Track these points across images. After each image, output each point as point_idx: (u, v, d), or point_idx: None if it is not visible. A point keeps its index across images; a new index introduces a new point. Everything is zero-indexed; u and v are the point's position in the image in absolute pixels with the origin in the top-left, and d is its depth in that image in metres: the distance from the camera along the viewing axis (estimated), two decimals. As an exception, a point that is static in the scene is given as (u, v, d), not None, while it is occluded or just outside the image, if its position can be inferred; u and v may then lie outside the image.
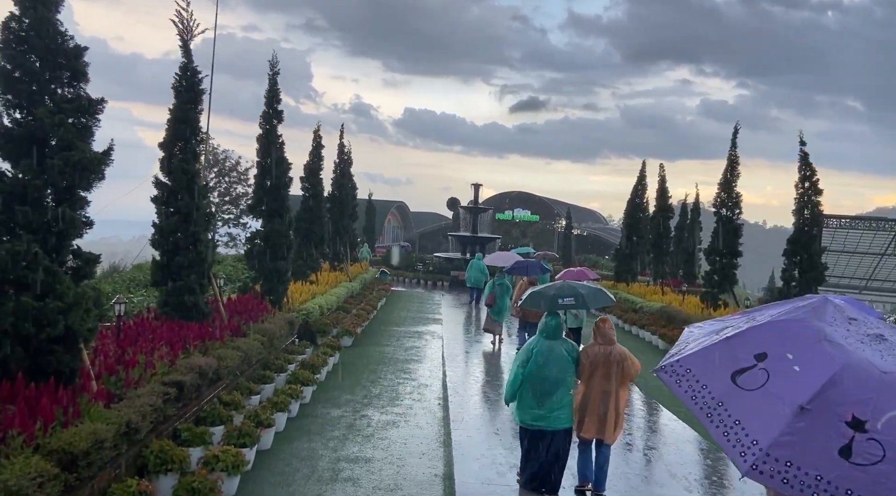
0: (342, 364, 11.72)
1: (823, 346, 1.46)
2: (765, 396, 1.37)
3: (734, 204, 16.91)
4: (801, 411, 1.37)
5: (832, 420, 1.37)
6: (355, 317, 15.10)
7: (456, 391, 10.32)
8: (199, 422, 6.94)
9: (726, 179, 17.03)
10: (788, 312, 1.59)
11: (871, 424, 1.35)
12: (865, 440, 1.34)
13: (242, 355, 8.52)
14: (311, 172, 17.14)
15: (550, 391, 6.13)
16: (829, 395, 1.39)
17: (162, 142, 9.20)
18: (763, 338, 1.48)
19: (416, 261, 34.21)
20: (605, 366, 6.23)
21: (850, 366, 1.42)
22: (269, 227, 13.05)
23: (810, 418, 1.36)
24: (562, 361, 6.19)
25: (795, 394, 1.39)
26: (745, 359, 1.42)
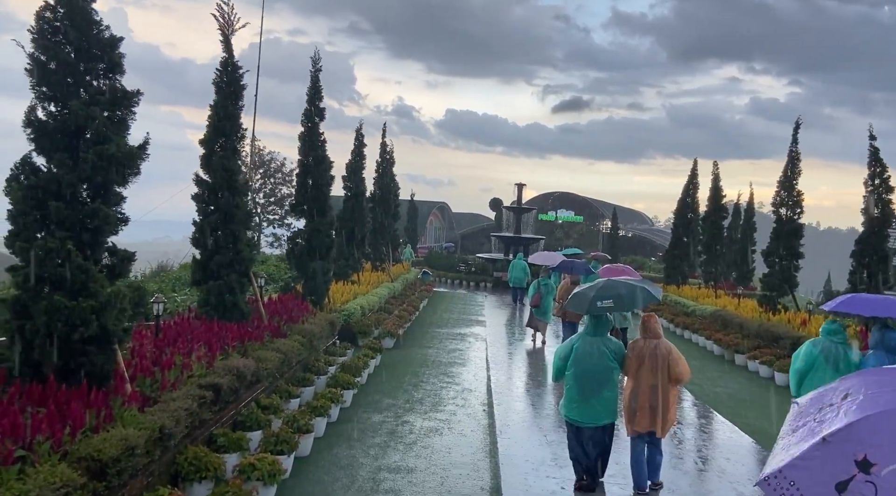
0: (384, 366, 11.42)
1: None
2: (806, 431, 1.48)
3: (795, 203, 15.99)
4: (822, 442, 1.47)
5: (845, 456, 1.45)
6: (397, 318, 14.82)
7: (501, 396, 9.89)
8: (235, 427, 6.71)
9: (786, 177, 16.11)
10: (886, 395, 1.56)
11: (877, 469, 1.41)
12: (864, 481, 1.41)
13: (282, 357, 8.29)
14: (353, 171, 16.94)
15: (592, 388, 6.16)
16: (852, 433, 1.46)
17: (203, 139, 9.05)
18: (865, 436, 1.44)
19: (457, 262, 33.84)
20: (652, 360, 6.20)
21: (887, 413, 1.46)
22: (310, 226, 12.85)
23: (827, 449, 1.45)
24: (603, 358, 6.20)
25: None
26: (847, 467, 1.43)
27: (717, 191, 22.19)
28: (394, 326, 13.66)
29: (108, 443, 4.57)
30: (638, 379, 6.24)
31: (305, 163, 13.04)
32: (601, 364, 6.19)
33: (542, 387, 10.79)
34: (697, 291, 22.14)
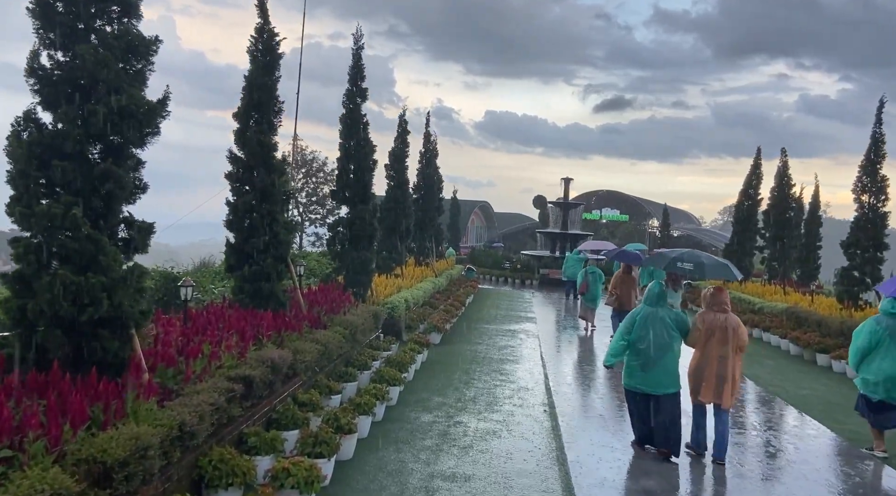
0: (431, 362, 10.56)
1: None
2: None
3: (879, 189, 14.54)
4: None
5: None
6: (443, 313, 13.96)
7: (561, 396, 8.92)
8: (269, 426, 5.93)
9: (869, 160, 14.68)
10: None
11: None
12: None
13: (322, 349, 7.50)
14: (396, 159, 16.15)
15: (656, 356, 6.37)
16: None
17: (236, 112, 8.35)
18: None
19: (503, 260, 32.84)
20: (722, 331, 6.38)
21: None
22: (352, 214, 12.10)
23: None
24: (666, 327, 6.42)
25: None
26: None
27: (783, 180, 20.68)
28: (440, 321, 12.81)
29: (115, 442, 3.82)
30: (707, 350, 6.42)
31: (347, 146, 12.30)
32: (664, 332, 6.40)
33: (604, 386, 9.76)
34: (763, 288, 20.68)
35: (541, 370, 10.55)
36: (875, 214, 14.57)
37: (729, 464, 6.48)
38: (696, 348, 6.52)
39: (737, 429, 7.84)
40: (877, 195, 14.58)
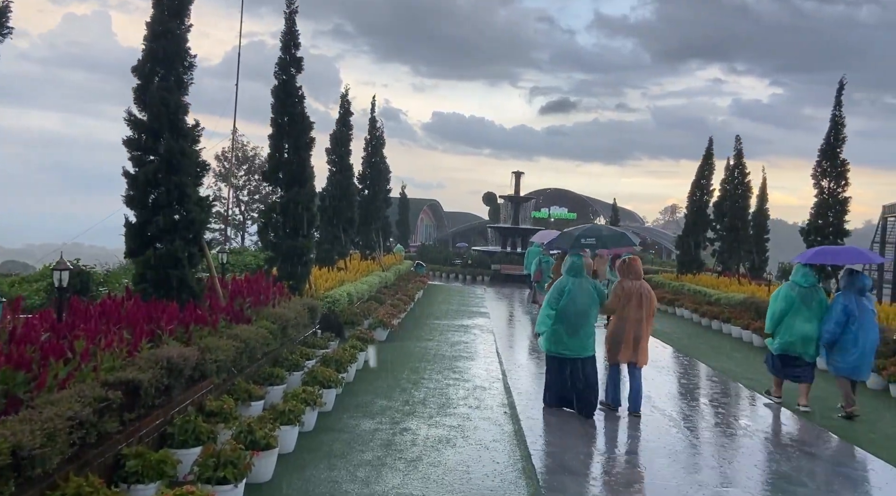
0: (376, 361, 9.39)
1: None
2: None
3: (839, 174, 14.14)
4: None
5: None
6: (391, 307, 12.79)
7: (523, 395, 7.90)
8: (162, 443, 4.67)
9: (829, 144, 14.26)
10: None
11: None
12: None
13: (240, 346, 6.25)
14: (338, 143, 14.88)
15: (580, 322, 6.89)
16: None
17: (135, 65, 6.99)
18: None
19: (452, 256, 31.85)
20: (638, 297, 6.98)
21: None
22: (287, 198, 10.82)
23: None
24: (589, 295, 6.96)
25: None
26: None
27: (737, 169, 20.31)
28: (387, 316, 11.64)
29: None
30: (625, 314, 7.01)
31: (280, 122, 10.99)
32: (588, 301, 6.95)
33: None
34: (717, 280, 20.27)
35: (497, 367, 9.51)
36: (835, 200, 14.17)
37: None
38: (616, 313, 7.10)
39: (724, 427, 6.98)
40: (836, 180, 14.19)
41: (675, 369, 10.59)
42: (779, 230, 23.31)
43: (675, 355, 11.80)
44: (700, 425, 7.09)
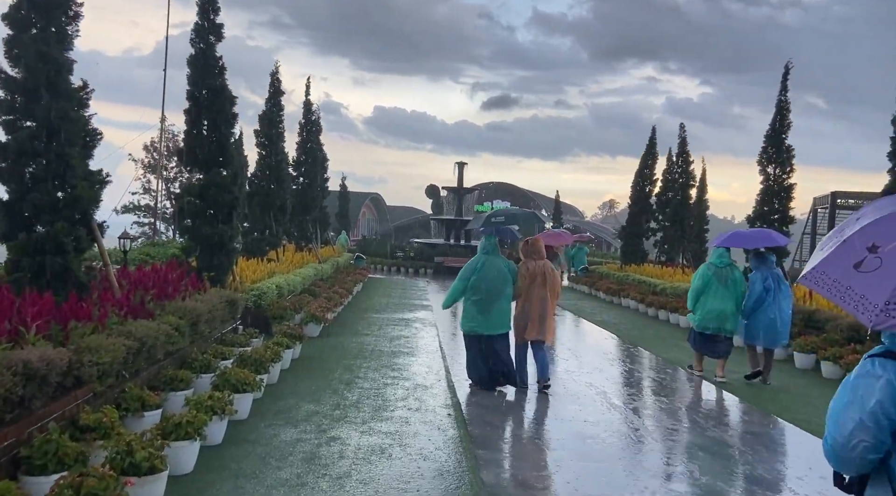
0: (305, 359, 8.46)
1: None
2: (881, 274, 1.80)
3: (785, 160, 13.98)
4: (843, 243, 1.89)
5: (860, 246, 1.86)
6: (326, 301, 11.83)
7: (468, 394, 7.15)
8: (15, 468, 3.67)
9: (774, 131, 14.09)
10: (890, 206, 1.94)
11: (881, 249, 1.83)
12: (872, 258, 1.83)
13: (134, 346, 5.24)
14: (268, 124, 13.74)
15: (493, 300, 7.02)
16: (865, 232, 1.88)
17: (6, 12, 5.84)
18: (872, 234, 1.87)
19: (394, 249, 30.94)
20: (542, 276, 7.18)
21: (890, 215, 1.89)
22: (206, 179, 9.72)
23: (845, 245, 1.89)
24: (502, 274, 7.12)
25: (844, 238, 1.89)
26: (860, 252, 1.86)
27: (683, 157, 20.17)
28: (321, 310, 10.69)
29: None
30: (530, 293, 7.18)
31: (196, 95, 9.87)
32: (501, 279, 7.09)
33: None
34: (660, 270, 20.13)
35: (440, 363, 8.73)
36: (780, 186, 14.02)
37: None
38: (522, 292, 7.21)
39: (668, 412, 6.41)
40: (782, 166, 14.03)
41: (621, 358, 10.09)
42: (710, 224, 23.51)
43: (621, 345, 11.33)
44: (645, 412, 6.53)
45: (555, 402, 7.01)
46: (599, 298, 19.71)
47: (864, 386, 1.87)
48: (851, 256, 1.87)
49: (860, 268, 1.85)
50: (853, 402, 1.87)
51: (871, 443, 1.84)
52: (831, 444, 1.92)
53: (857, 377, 1.90)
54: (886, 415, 1.82)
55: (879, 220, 1.90)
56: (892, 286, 1.76)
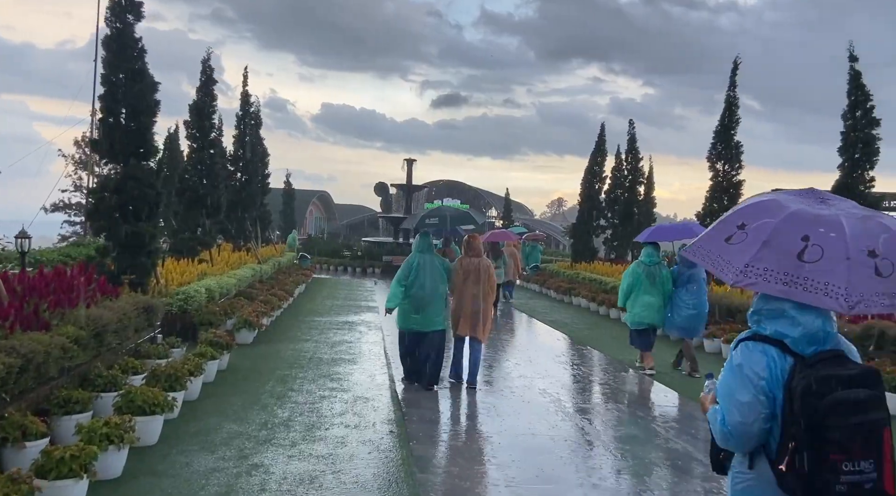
0: (234, 370, 7.69)
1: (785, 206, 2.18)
2: (744, 245, 2.12)
3: (734, 156, 13.90)
4: (720, 222, 2.25)
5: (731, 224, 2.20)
6: (262, 304, 11.02)
7: (414, 407, 6.55)
8: None
9: (723, 126, 14.00)
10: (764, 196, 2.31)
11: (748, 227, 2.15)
12: (740, 233, 2.15)
13: (16, 363, 4.43)
14: (198, 115, 12.80)
15: (428, 298, 7.09)
16: (735, 213, 2.25)
17: None
18: (742, 215, 2.22)
19: (342, 248, 30.07)
20: (476, 273, 7.21)
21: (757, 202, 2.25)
22: (124, 173, 8.83)
23: (720, 224, 2.24)
24: (437, 272, 7.19)
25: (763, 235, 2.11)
26: (729, 230, 2.19)
27: (633, 153, 20.05)
28: (255, 315, 9.89)
29: None
30: (464, 289, 7.23)
31: (112, 80, 8.96)
32: (436, 277, 7.15)
33: (469, 385, 7.58)
34: (611, 268, 19.98)
35: (385, 371, 8.10)
36: (730, 183, 13.94)
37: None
38: (457, 289, 7.28)
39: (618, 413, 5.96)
40: (731, 162, 13.96)
41: (574, 361, 9.67)
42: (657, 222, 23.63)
43: (572, 346, 10.94)
44: (599, 419, 6.06)
45: (507, 414, 6.48)
46: (550, 297, 19.40)
47: (748, 367, 2.10)
48: (725, 232, 2.19)
49: (730, 241, 2.15)
50: (745, 383, 2.09)
51: (766, 413, 2.07)
52: (731, 426, 2.10)
53: (742, 362, 2.13)
54: (771, 388, 2.06)
55: (749, 205, 2.26)
56: (751, 253, 2.07)
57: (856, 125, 9.95)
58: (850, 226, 2.08)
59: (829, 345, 2.09)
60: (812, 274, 2.01)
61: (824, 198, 2.27)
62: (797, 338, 2.09)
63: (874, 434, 1.97)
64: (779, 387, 2.06)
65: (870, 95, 9.83)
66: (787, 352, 2.09)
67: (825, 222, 2.09)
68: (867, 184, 9.81)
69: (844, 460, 1.94)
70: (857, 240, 2.05)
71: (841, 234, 2.05)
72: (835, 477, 1.94)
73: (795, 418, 2.00)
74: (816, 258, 2.02)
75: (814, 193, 2.30)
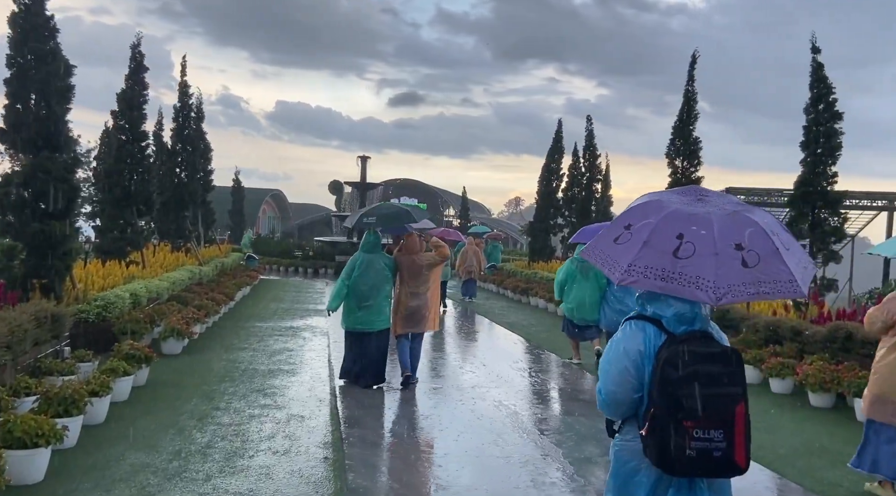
0: (153, 386, 6.85)
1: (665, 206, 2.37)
2: (629, 245, 2.30)
3: (692, 152, 13.57)
4: (610, 223, 2.49)
5: (619, 226, 2.39)
6: (195, 310, 10.13)
7: (357, 427, 5.86)
8: None
9: (682, 121, 13.65)
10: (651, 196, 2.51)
11: (633, 227, 2.32)
12: (626, 233, 2.32)
13: None
14: (127, 105, 11.78)
15: (370, 297, 7.11)
16: (623, 216, 2.45)
17: None
18: (630, 216, 2.41)
19: (293, 248, 29.05)
20: (409, 271, 7.23)
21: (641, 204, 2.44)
22: (32, 166, 7.89)
23: (611, 227, 2.44)
24: (380, 272, 7.20)
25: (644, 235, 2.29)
26: (618, 231, 2.37)
27: (591, 150, 19.72)
28: (185, 322, 9.02)
29: None
30: (402, 287, 7.25)
31: (20, 62, 8.01)
32: (379, 277, 7.16)
33: (425, 401, 6.93)
34: (569, 267, 19.60)
35: (326, 383, 7.39)
36: (689, 180, 13.60)
37: None
38: (398, 288, 7.30)
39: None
40: (690, 158, 13.62)
41: (534, 368, 9.13)
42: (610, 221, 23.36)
43: (529, 350, 10.42)
44: (560, 435, 5.49)
45: (460, 432, 5.86)
46: (507, 297, 18.93)
47: (625, 341, 2.36)
48: (614, 233, 2.37)
49: (618, 241, 2.33)
50: (620, 356, 2.34)
51: (634, 383, 2.31)
52: (605, 394, 2.37)
53: (621, 337, 2.38)
54: (642, 358, 2.31)
55: (636, 206, 2.43)
56: (634, 253, 2.27)
57: (818, 119, 9.69)
58: (719, 222, 2.27)
59: (698, 326, 2.31)
60: (685, 269, 2.18)
61: (703, 195, 2.44)
62: (670, 318, 2.32)
63: (726, 407, 2.16)
64: (650, 361, 2.29)
65: (832, 88, 9.57)
66: (662, 330, 2.32)
67: (698, 220, 2.27)
68: (830, 180, 9.56)
69: (696, 427, 2.14)
70: (725, 235, 2.22)
71: (710, 231, 2.23)
72: (686, 442, 2.13)
73: (656, 387, 2.22)
74: (689, 254, 2.20)
75: (695, 191, 2.48)
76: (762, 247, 2.22)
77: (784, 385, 7.66)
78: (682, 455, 2.14)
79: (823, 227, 9.87)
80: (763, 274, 2.18)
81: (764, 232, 2.25)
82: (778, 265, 2.20)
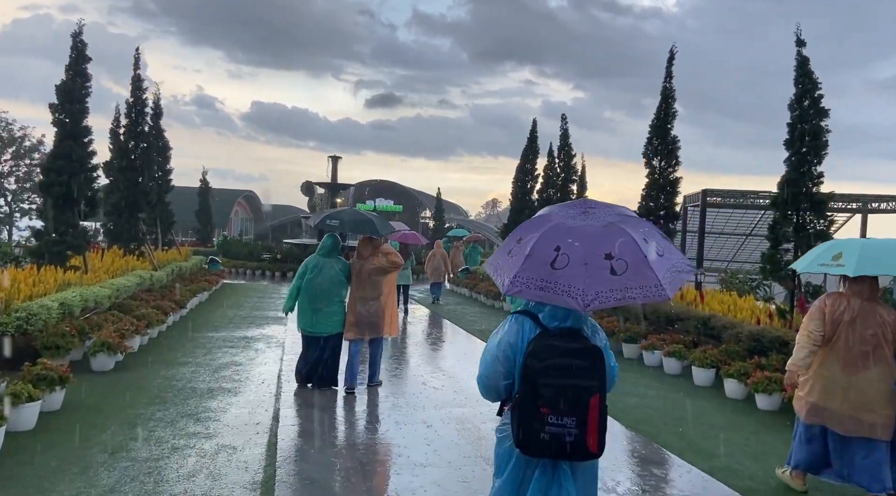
0: (68, 411, 6.04)
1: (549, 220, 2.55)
2: (516, 258, 2.47)
3: (670, 151, 13.05)
4: (526, 257, 2.45)
5: (513, 239, 2.57)
6: (134, 321, 9.27)
7: (296, 461, 5.12)
8: None
9: (659, 120, 13.12)
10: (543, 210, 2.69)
11: (523, 241, 2.49)
12: (517, 247, 2.50)
13: None
14: (67, 97, 10.86)
15: (323, 300, 7.15)
16: (517, 231, 2.58)
17: None
18: (522, 230, 2.58)
19: (261, 250, 28.09)
20: (359, 275, 7.19)
21: (556, 225, 2.51)
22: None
23: (508, 241, 2.59)
24: (334, 275, 7.21)
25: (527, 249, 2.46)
26: (512, 244, 2.56)
27: (566, 150, 19.13)
28: (120, 334, 8.18)
29: None
30: (352, 292, 7.27)
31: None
32: (332, 280, 7.18)
33: (383, 426, 6.21)
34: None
35: (270, 405, 6.62)
36: (666, 180, 13.09)
37: None
38: (350, 293, 7.27)
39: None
40: (667, 158, 13.10)
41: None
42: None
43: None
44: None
45: (420, 465, 5.15)
46: (480, 302, 18.30)
47: (505, 334, 2.64)
48: (508, 247, 2.57)
49: (510, 254, 2.53)
50: (494, 346, 2.64)
51: (504, 371, 2.59)
52: (480, 379, 2.68)
53: (501, 329, 2.68)
54: (513, 350, 2.58)
55: (529, 221, 2.63)
56: (519, 265, 2.43)
57: (803, 115, 9.19)
58: (593, 234, 2.46)
59: (569, 323, 2.58)
60: (560, 278, 2.38)
61: (590, 207, 2.62)
62: (545, 314, 2.61)
63: (580, 397, 2.43)
64: (521, 353, 2.56)
65: (818, 84, 9.06)
66: (539, 324, 2.60)
67: (575, 233, 2.47)
68: (815, 180, 9.04)
69: (550, 414, 2.43)
70: (596, 246, 2.42)
71: (583, 243, 2.42)
72: (541, 426, 2.43)
73: (520, 376, 2.52)
74: (564, 265, 2.39)
75: (582, 205, 2.64)
76: (631, 255, 2.38)
77: (771, 401, 7.09)
78: (537, 438, 2.42)
79: (808, 229, 9.36)
80: (630, 280, 2.35)
81: (634, 241, 2.40)
82: (645, 271, 2.36)
